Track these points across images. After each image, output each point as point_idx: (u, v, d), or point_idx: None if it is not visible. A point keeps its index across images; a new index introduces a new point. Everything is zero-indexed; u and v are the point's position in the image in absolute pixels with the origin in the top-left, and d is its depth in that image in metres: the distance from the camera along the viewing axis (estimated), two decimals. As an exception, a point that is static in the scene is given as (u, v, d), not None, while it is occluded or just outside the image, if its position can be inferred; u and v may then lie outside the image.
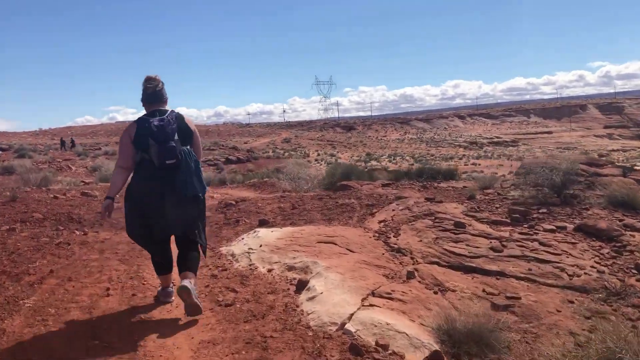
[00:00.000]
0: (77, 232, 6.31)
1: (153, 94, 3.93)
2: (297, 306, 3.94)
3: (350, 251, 4.96)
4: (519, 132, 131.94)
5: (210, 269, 4.94)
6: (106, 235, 6.32)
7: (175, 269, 4.11)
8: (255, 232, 5.94)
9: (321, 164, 77.27)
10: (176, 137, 3.80)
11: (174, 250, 4.16)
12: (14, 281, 4.34)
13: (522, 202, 6.48)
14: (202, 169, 4.06)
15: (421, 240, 5.16)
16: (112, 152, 50.46)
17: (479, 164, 68.93)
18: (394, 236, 5.37)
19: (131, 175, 3.92)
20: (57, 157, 41.18)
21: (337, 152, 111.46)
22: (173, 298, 4.14)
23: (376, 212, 6.50)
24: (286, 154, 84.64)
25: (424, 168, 11.80)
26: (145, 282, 4.63)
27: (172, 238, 4.18)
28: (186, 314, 3.74)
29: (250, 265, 4.96)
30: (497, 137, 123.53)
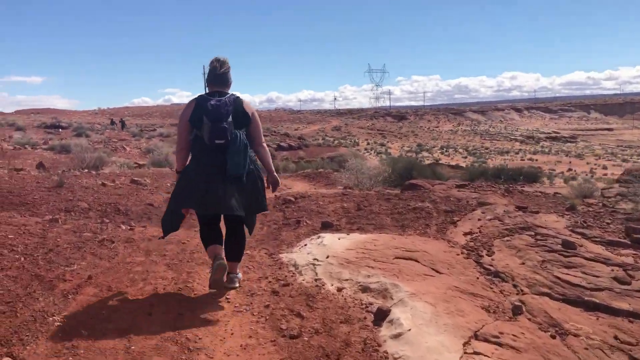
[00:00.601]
0: (123, 227, 5.73)
1: (217, 75, 4.01)
2: (379, 345, 3.16)
3: (437, 272, 4.13)
4: (577, 128, 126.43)
5: (270, 282, 4.22)
6: (154, 231, 5.72)
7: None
8: (319, 237, 5.19)
9: (370, 154, 76.26)
10: (230, 118, 3.83)
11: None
12: (47, 289, 3.74)
13: (638, 217, 5.46)
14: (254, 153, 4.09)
15: (523, 263, 4.26)
16: (167, 134, 50.98)
17: (536, 160, 66.21)
18: (487, 254, 4.50)
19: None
20: (112, 137, 41.83)
21: (387, 141, 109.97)
22: (225, 263, 4.06)
23: (458, 220, 5.64)
24: (336, 142, 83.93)
25: (503, 168, 10.76)
26: (195, 295, 3.96)
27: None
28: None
29: (316, 280, 4.20)
30: (555, 132, 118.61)
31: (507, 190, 7.39)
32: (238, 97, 4.02)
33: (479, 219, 5.48)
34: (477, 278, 4.07)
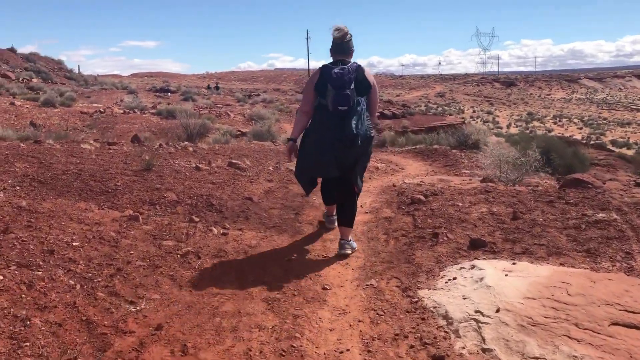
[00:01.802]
0: (215, 230, 4.57)
1: (340, 44, 4.17)
2: None
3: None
4: None
5: (412, 347, 2.81)
6: (252, 237, 4.52)
7: None
8: (473, 267, 3.69)
9: (477, 122, 72.05)
10: (352, 86, 3.98)
11: None
12: (95, 349, 2.60)
13: None
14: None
15: None
16: (269, 100, 50.88)
17: (667, 133, 59.00)
18: None
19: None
20: (218, 102, 42.19)
21: (495, 109, 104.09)
22: (336, 225, 4.51)
23: (678, 248, 3.90)
24: (439, 109, 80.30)
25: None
26: (304, 361, 2.66)
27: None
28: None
29: (484, 351, 2.74)
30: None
31: None
32: (360, 66, 4.13)
33: None
34: None
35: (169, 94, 48.25)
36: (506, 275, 3.49)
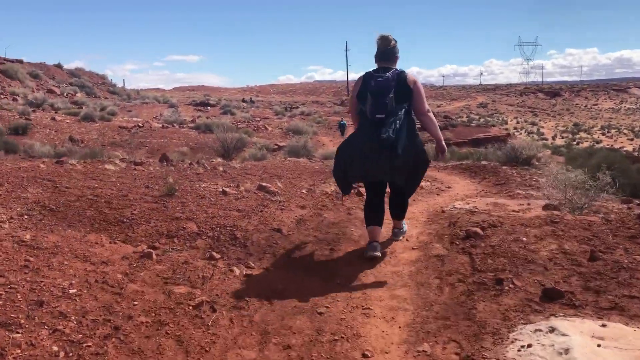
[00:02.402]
0: (236, 270, 3.94)
1: (383, 52, 4.22)
2: None
3: None
4: None
5: None
6: (279, 279, 3.86)
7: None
8: (554, 331, 2.93)
9: (520, 133, 69.83)
10: (392, 94, 3.99)
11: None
12: None
13: None
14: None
15: None
16: (308, 113, 50.58)
17: None
18: None
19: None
20: (256, 116, 42.10)
21: (539, 120, 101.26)
22: (378, 254, 4.24)
23: None
24: (482, 119, 78.38)
25: None
26: None
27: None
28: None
29: None
30: None
31: None
32: (402, 72, 4.13)
33: None
34: None
35: (209, 107, 48.63)
36: (599, 345, 2.71)
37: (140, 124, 26.26)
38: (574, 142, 61.08)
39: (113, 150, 21.47)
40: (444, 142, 4.41)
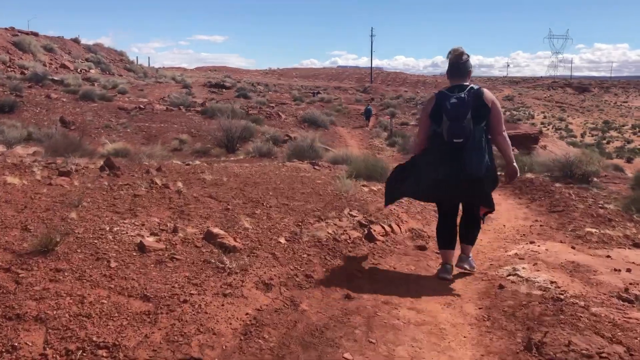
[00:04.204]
0: None
1: (456, 66, 4.06)
2: None
3: None
4: None
5: None
6: None
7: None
8: None
9: (548, 129, 66.21)
10: (469, 115, 3.83)
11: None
12: None
13: None
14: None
15: None
16: (328, 100, 48.00)
17: None
18: None
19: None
20: (272, 100, 39.70)
21: (568, 116, 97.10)
22: (449, 277, 4.10)
23: None
24: (507, 113, 74.85)
25: None
26: None
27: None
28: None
29: None
30: None
31: None
32: (478, 90, 3.97)
33: None
34: None
35: (224, 89, 46.29)
36: None
37: (142, 106, 24.13)
38: (604, 141, 57.76)
39: (106, 135, 19.42)
40: (515, 164, 4.17)
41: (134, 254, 3.41)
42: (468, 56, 4.06)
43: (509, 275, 4.20)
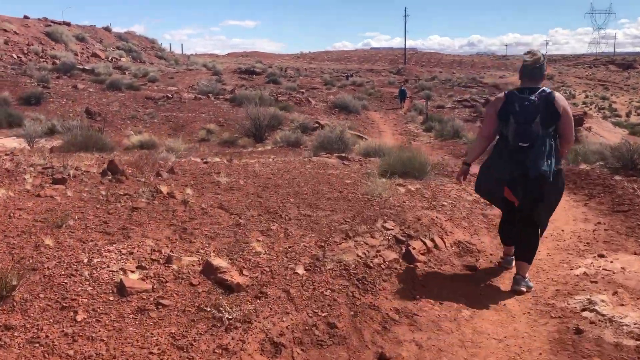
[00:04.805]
0: None
1: (531, 69, 3.90)
2: None
3: None
4: None
5: None
6: None
7: None
8: None
9: (591, 109, 63.30)
10: (538, 119, 3.74)
11: None
12: None
13: None
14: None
15: None
16: (360, 83, 46.81)
17: None
18: None
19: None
20: (303, 85, 38.90)
21: (611, 94, 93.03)
22: (514, 265, 4.12)
23: None
24: (548, 93, 71.78)
25: None
26: None
27: None
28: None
29: None
30: None
31: None
32: (550, 94, 3.83)
33: None
34: None
35: (254, 75, 45.68)
36: None
37: (170, 95, 23.66)
38: (650, 120, 54.95)
39: (132, 126, 19.00)
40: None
41: (111, 298, 2.70)
42: (544, 59, 3.96)
43: (584, 310, 3.36)
